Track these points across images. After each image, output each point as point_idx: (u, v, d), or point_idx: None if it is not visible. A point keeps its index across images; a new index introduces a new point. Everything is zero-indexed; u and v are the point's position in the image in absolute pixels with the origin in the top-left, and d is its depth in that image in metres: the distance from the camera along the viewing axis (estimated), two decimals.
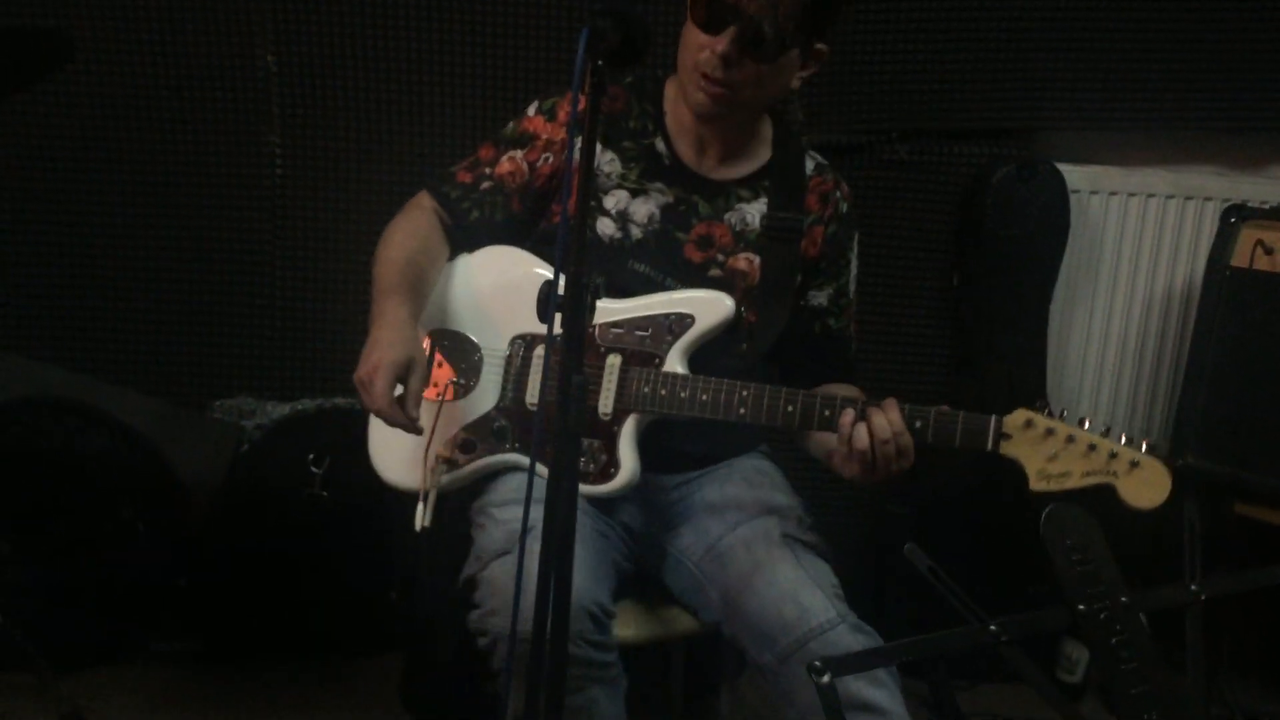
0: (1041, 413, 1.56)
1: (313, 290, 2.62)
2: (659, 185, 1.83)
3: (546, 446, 1.72)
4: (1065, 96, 2.69)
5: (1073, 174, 2.67)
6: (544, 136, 1.86)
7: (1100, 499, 1.50)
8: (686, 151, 1.85)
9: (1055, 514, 1.28)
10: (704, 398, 1.70)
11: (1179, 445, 2.46)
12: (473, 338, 1.84)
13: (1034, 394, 2.68)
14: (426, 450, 1.80)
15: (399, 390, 1.67)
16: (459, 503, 1.85)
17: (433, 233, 1.87)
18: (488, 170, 1.88)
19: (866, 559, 2.63)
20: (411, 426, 1.69)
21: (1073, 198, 2.65)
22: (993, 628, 1.21)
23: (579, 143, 1.34)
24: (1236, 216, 2.46)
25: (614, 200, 1.83)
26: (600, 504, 1.79)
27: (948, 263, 2.70)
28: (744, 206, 1.84)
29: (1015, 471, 1.58)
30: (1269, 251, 2.40)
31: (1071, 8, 2.62)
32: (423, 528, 1.76)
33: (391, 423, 1.68)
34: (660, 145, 1.85)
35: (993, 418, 1.58)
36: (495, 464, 1.82)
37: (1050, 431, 1.55)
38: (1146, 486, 1.51)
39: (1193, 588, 1.25)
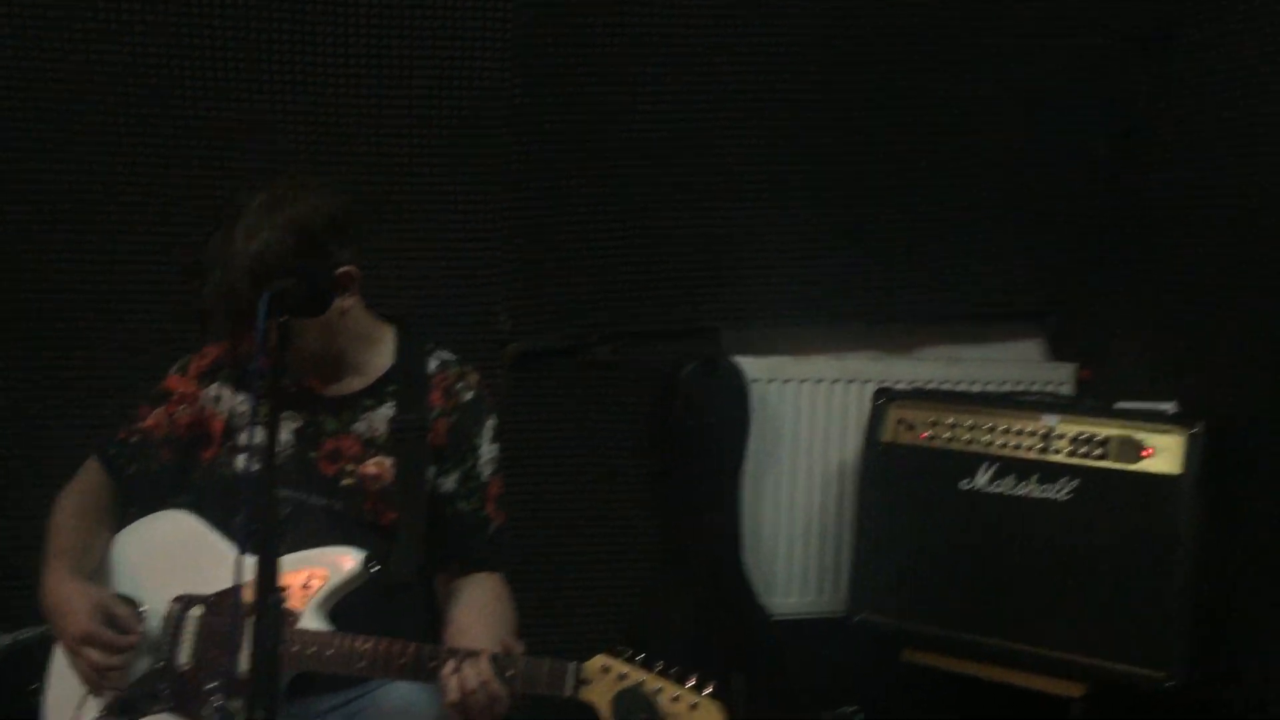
0: (620, 658, 1.70)
1: (14, 518, 2.63)
2: (288, 413, 1.95)
3: (196, 707, 1.85)
4: (745, 298, 3.04)
5: (753, 365, 3.01)
6: (179, 390, 2.03)
7: None
8: (308, 378, 1.99)
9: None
10: (329, 653, 1.79)
11: (855, 603, 2.78)
12: (138, 600, 1.94)
13: (736, 571, 2.96)
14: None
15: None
16: None
17: (96, 494, 2.03)
18: (138, 426, 2.03)
19: None
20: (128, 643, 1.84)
21: (754, 386, 2.99)
22: None
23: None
24: (884, 398, 2.86)
25: (248, 435, 1.95)
26: None
27: (650, 453, 2.98)
28: (370, 414, 1.98)
29: None
30: (910, 427, 2.79)
31: (750, 224, 2.98)
32: None
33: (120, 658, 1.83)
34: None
35: (571, 665, 1.70)
36: None
37: (623, 675, 1.68)
38: None
39: None
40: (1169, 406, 2.68)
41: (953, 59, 2.96)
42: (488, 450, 2.05)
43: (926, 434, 2.77)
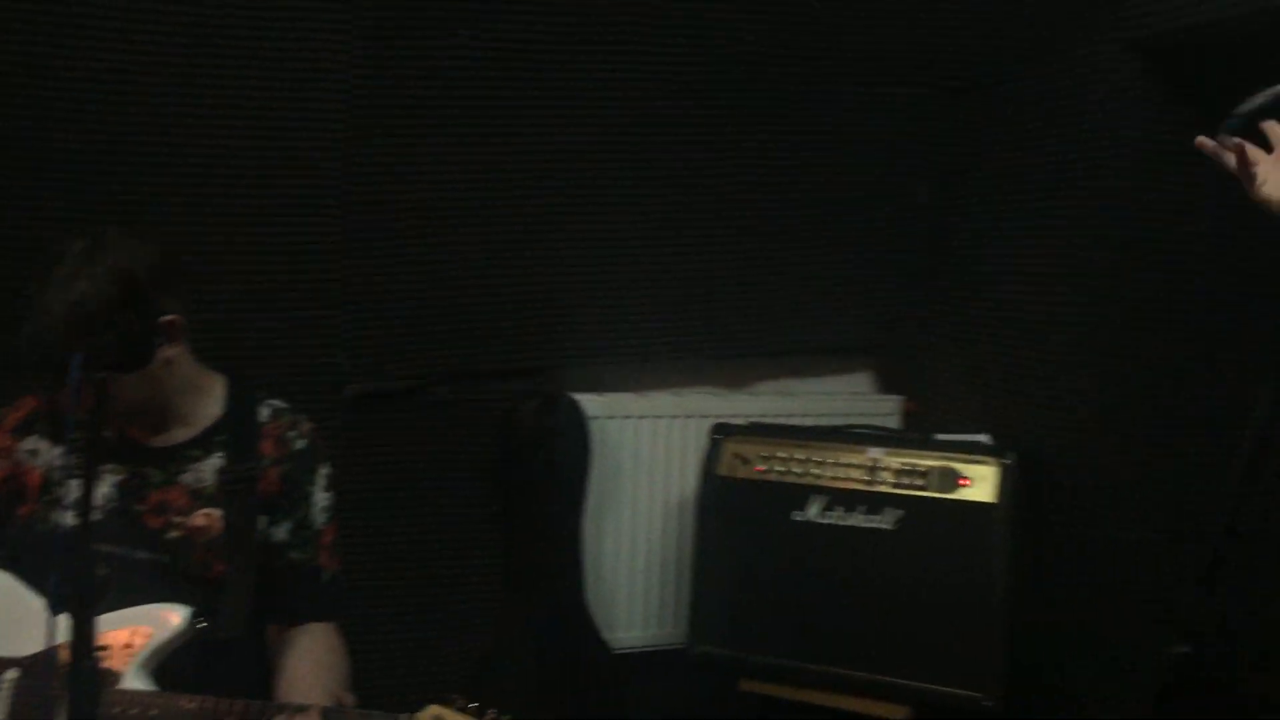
0: (451, 706, 1.70)
1: None
2: (111, 465, 1.91)
3: None
4: (583, 336, 3.08)
5: (593, 402, 3.05)
6: None
7: None
8: (132, 429, 1.95)
9: None
10: (152, 713, 1.74)
11: (694, 635, 2.84)
12: None
13: (577, 606, 2.99)
14: None
15: None
16: None
17: None
18: None
19: None
20: None
21: (594, 423, 3.03)
22: None
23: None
24: (720, 433, 2.93)
25: (67, 490, 1.89)
26: None
27: (491, 491, 2.98)
28: (198, 465, 1.95)
29: None
30: (745, 461, 2.87)
31: (587, 263, 3.02)
32: None
33: None
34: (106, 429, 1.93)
35: (401, 717, 1.69)
36: None
37: None
38: None
39: None
40: (984, 438, 2.82)
41: (783, 104, 3.06)
42: (321, 498, 2.04)
43: (761, 467, 2.85)
